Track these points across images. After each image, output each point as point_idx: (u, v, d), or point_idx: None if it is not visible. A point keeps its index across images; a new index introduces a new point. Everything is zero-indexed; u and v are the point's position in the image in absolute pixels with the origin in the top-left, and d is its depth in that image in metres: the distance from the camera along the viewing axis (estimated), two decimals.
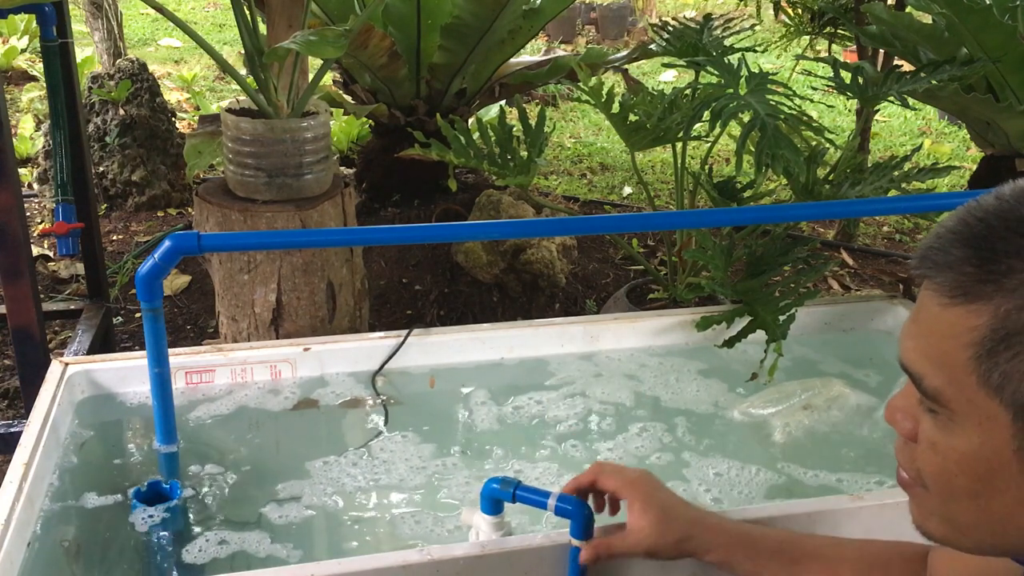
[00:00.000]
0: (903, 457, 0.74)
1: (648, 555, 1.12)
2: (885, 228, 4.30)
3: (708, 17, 2.55)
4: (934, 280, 0.67)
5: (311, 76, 2.28)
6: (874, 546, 1.09)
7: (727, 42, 2.47)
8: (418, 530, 1.43)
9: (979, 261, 0.64)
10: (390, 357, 1.82)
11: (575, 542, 1.19)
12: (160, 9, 2.12)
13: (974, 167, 3.06)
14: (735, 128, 2.28)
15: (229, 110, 2.16)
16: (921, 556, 1.03)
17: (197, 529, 1.41)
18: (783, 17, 4.26)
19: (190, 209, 3.95)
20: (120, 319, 3.19)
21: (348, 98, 3.42)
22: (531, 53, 5.55)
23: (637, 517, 1.11)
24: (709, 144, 2.43)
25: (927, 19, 2.55)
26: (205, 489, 1.51)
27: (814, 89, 5.86)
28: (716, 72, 2.27)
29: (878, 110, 5.47)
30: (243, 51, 2.17)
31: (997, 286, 0.63)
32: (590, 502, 1.19)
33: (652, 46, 2.71)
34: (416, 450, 1.63)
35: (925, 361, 0.68)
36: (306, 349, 1.80)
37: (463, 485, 1.53)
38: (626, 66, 3.38)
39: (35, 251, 3.42)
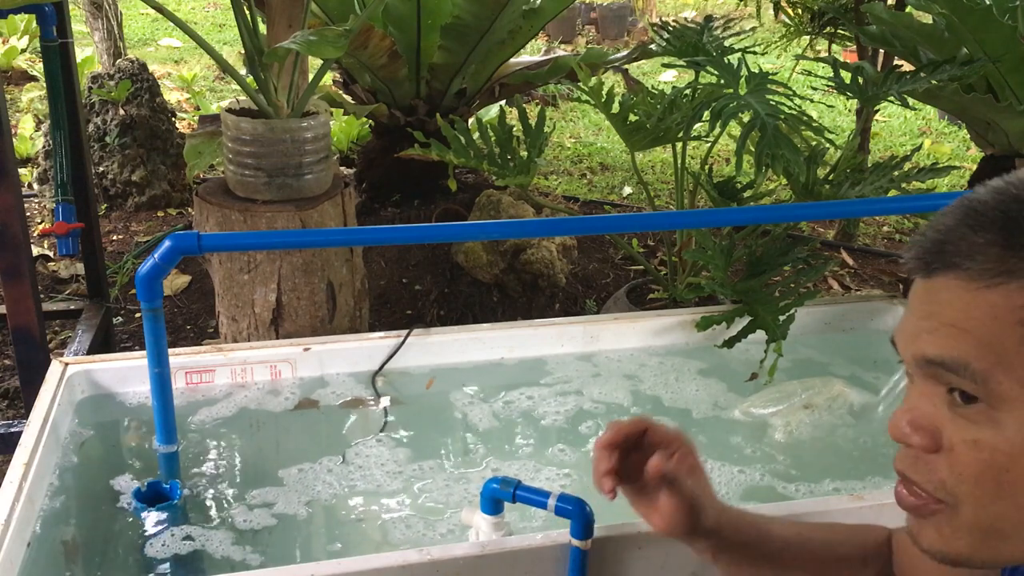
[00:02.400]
0: (920, 474, 0.70)
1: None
2: (885, 228, 4.31)
3: (709, 18, 2.55)
4: (958, 269, 0.66)
5: (311, 76, 2.28)
6: (839, 533, 1.07)
7: (727, 42, 2.47)
8: (418, 530, 1.43)
9: (1008, 241, 0.64)
10: (390, 357, 1.82)
11: (575, 542, 1.19)
12: (160, 9, 2.12)
13: (974, 167, 3.06)
14: (735, 128, 2.28)
15: (229, 110, 2.16)
16: (882, 542, 1.03)
17: (197, 529, 1.41)
18: (783, 17, 4.26)
19: (190, 209, 3.95)
20: (120, 319, 3.19)
21: (348, 98, 3.42)
22: (531, 53, 5.55)
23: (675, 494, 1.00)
24: (709, 144, 2.43)
25: (927, 19, 2.55)
26: (205, 489, 1.51)
27: (814, 89, 5.85)
28: (716, 72, 2.27)
29: (878, 110, 5.47)
30: (243, 51, 2.17)
31: None
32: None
33: (652, 46, 2.70)
34: (416, 450, 1.63)
35: (966, 347, 0.65)
36: (306, 349, 1.80)
37: (463, 485, 1.53)
38: (626, 66, 3.38)
39: (35, 251, 3.42)
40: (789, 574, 1.05)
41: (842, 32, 4.10)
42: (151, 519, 1.42)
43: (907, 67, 2.50)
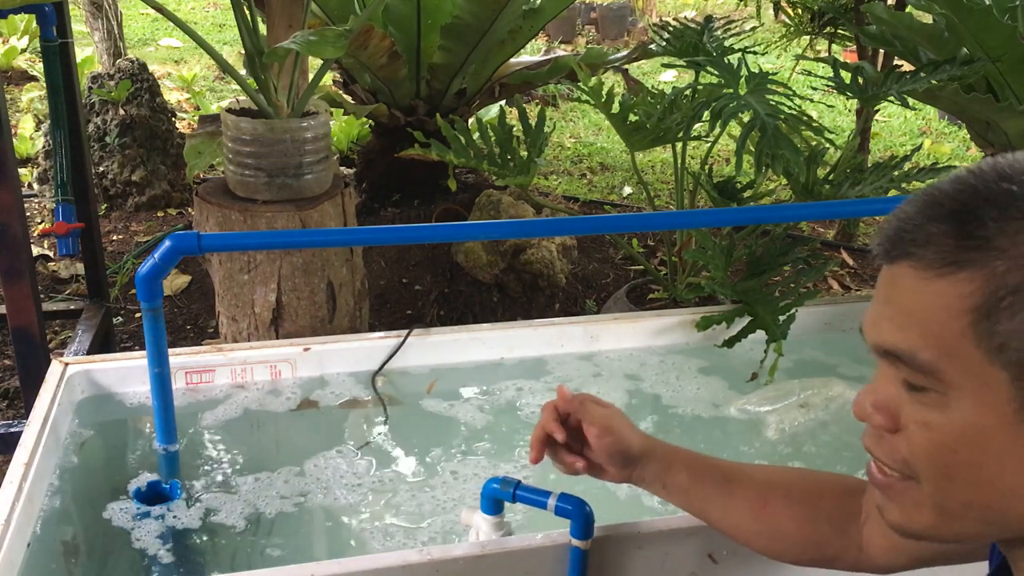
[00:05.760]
0: (882, 452, 0.73)
1: (610, 447, 1.09)
2: None
3: (709, 18, 2.55)
4: (913, 257, 0.67)
5: (311, 76, 2.28)
6: (809, 476, 1.10)
7: (727, 42, 2.47)
8: (418, 529, 1.43)
9: (961, 232, 0.65)
10: (390, 357, 1.82)
11: (575, 542, 1.19)
12: (160, 9, 2.12)
13: None
14: (735, 128, 2.28)
15: (229, 110, 2.16)
16: (856, 491, 1.03)
17: (197, 529, 1.41)
18: (783, 17, 4.26)
19: (190, 209, 3.95)
20: (120, 319, 3.19)
21: (348, 98, 3.42)
22: (531, 53, 5.54)
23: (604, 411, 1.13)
24: (709, 144, 2.43)
25: (927, 19, 2.55)
26: (205, 489, 1.51)
27: (814, 89, 5.86)
28: (716, 72, 2.27)
29: (878, 110, 5.47)
30: (243, 51, 2.17)
31: (986, 251, 0.64)
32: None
33: (652, 46, 2.71)
34: (415, 450, 1.63)
35: (914, 337, 0.67)
36: (306, 349, 1.80)
37: (463, 485, 1.53)
38: (626, 66, 3.38)
39: (35, 251, 3.42)
40: (737, 502, 1.08)
41: (842, 32, 4.10)
42: (151, 519, 1.42)
43: (907, 67, 2.50)
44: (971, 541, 0.73)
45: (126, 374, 1.72)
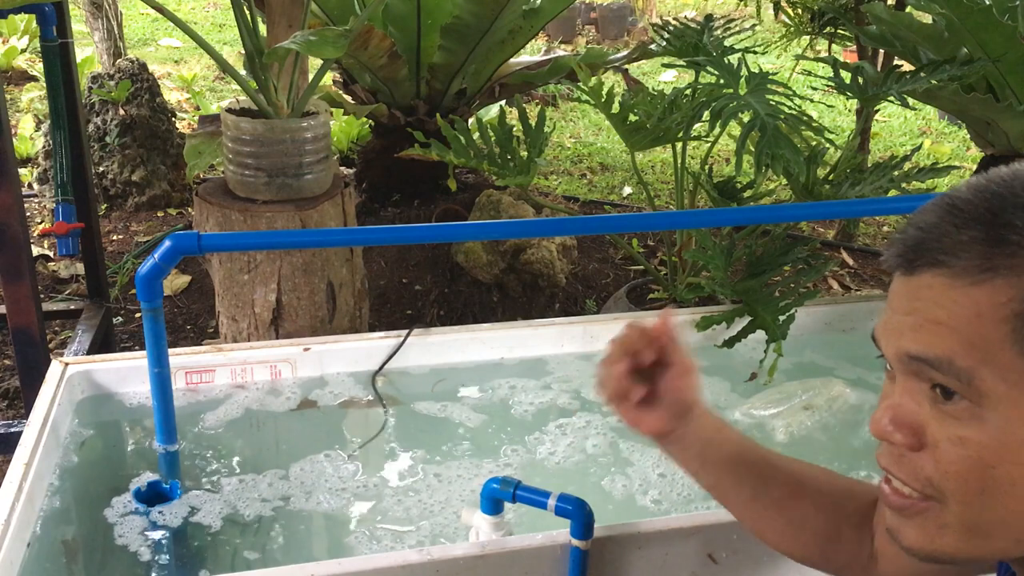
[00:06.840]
0: (902, 471, 0.70)
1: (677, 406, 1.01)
2: (885, 228, 4.31)
3: (709, 18, 2.55)
4: (942, 265, 0.66)
5: (311, 76, 2.28)
6: (839, 479, 1.08)
7: (727, 42, 2.47)
8: (417, 529, 1.43)
9: (993, 238, 0.64)
10: (390, 357, 1.82)
11: (575, 542, 1.19)
12: (160, 9, 2.12)
13: (974, 167, 3.06)
14: (735, 128, 2.28)
15: (229, 110, 2.16)
16: (873, 499, 1.01)
17: (196, 529, 1.41)
18: (783, 17, 4.26)
19: (190, 209, 3.95)
20: (120, 319, 3.19)
21: (348, 98, 3.42)
22: (531, 53, 5.54)
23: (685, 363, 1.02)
24: (709, 144, 2.43)
25: (927, 19, 2.55)
26: (205, 489, 1.51)
27: (814, 89, 5.85)
28: (716, 72, 2.27)
29: (878, 110, 5.47)
30: (243, 51, 2.17)
31: (1021, 256, 0.63)
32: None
33: (652, 46, 2.71)
34: (415, 450, 1.63)
35: (950, 344, 0.65)
36: (306, 349, 1.80)
37: (463, 485, 1.53)
38: (626, 66, 3.38)
39: (35, 251, 3.42)
40: (770, 492, 1.04)
41: (842, 32, 4.09)
42: (151, 519, 1.42)
43: (907, 67, 2.50)
44: (990, 560, 0.71)
45: (126, 374, 1.72)
